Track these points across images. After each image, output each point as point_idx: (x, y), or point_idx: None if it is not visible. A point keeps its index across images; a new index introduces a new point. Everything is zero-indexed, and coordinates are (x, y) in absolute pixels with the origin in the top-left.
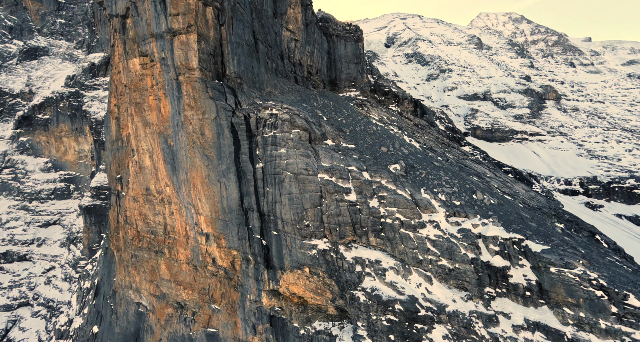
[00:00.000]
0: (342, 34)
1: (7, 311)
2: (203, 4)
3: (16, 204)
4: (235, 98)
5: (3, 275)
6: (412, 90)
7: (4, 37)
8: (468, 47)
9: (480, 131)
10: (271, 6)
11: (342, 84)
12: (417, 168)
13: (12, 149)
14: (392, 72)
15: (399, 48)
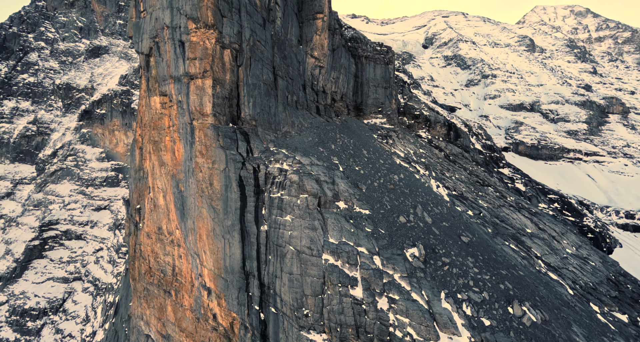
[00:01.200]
0: (371, 56)
1: (64, 283)
2: (221, 47)
3: (76, 188)
4: (248, 145)
5: (63, 251)
6: (449, 97)
7: (75, 37)
8: (517, 49)
9: (523, 147)
10: (296, 34)
11: (367, 110)
12: (439, 253)
13: (75, 139)
14: (428, 75)
15: (438, 49)
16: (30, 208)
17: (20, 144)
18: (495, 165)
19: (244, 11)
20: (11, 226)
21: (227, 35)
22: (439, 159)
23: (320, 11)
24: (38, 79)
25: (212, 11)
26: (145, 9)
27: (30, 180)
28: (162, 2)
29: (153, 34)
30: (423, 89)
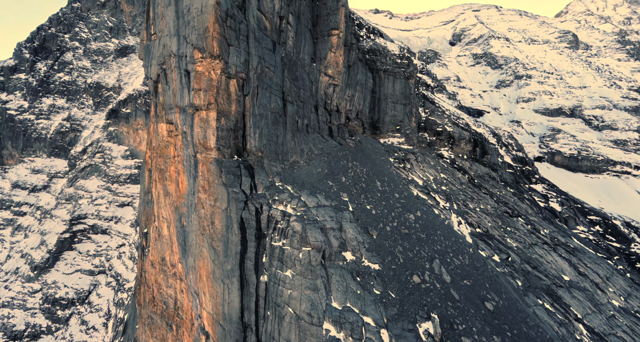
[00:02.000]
0: (391, 69)
1: (90, 275)
2: (227, 77)
3: (102, 184)
4: (252, 180)
5: (90, 244)
6: (476, 99)
7: (105, 37)
8: (557, 46)
9: (560, 157)
10: (309, 52)
11: (384, 128)
12: (459, 329)
13: (103, 137)
14: (454, 76)
15: (467, 47)
16: (63, 201)
17: (55, 140)
18: (527, 181)
19: (252, 37)
20: (46, 217)
21: (233, 65)
22: (462, 184)
23: (335, 27)
24: (72, 77)
25: (218, 41)
26: (155, 33)
27: (63, 174)
28: (170, 29)
29: (161, 60)
30: (448, 91)
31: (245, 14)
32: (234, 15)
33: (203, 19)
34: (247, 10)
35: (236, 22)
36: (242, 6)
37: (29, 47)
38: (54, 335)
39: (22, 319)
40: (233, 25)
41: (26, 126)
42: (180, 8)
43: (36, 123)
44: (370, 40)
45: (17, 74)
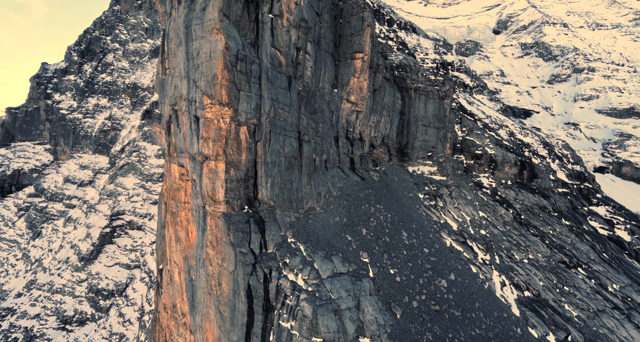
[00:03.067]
0: (422, 88)
1: (127, 269)
2: (237, 125)
3: (138, 182)
4: (262, 236)
5: (128, 239)
6: (523, 97)
7: (142, 37)
8: (632, 30)
9: (629, 169)
10: (330, 79)
11: (414, 154)
12: None
13: (138, 137)
14: (497, 69)
15: (514, 35)
16: (105, 197)
17: (99, 138)
18: (586, 202)
19: (265, 78)
20: (91, 211)
21: (243, 112)
22: (506, 225)
23: (359, 50)
24: (113, 78)
25: (227, 89)
26: (170, 68)
27: (105, 170)
28: (180, 70)
29: (172, 101)
30: (489, 88)
31: (258, 52)
32: (245, 56)
33: (211, 65)
34: (260, 48)
35: (247, 63)
36: (255, 43)
37: (77, 49)
38: (97, 323)
39: (72, 305)
40: (244, 68)
41: (75, 124)
42: (190, 50)
43: (83, 121)
44: (399, 54)
45: (67, 75)
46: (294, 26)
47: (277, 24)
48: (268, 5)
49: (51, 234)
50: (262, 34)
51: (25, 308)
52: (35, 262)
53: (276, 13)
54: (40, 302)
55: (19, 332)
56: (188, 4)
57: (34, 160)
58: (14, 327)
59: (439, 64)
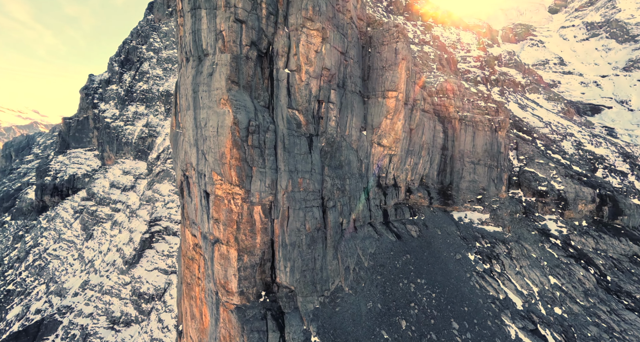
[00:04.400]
0: (470, 117)
1: (165, 274)
2: (250, 205)
3: (173, 189)
4: (281, 334)
5: (165, 244)
6: (590, 88)
7: (174, 44)
8: None
9: None
10: (357, 124)
11: (459, 197)
12: None
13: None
14: (555, 57)
15: (576, 13)
16: (144, 203)
17: (138, 144)
18: None
19: (282, 146)
20: (133, 216)
21: (256, 192)
22: (589, 295)
23: (392, 88)
24: (149, 85)
25: (237, 170)
26: (182, 125)
27: (145, 176)
28: (189, 137)
29: (184, 167)
30: (546, 80)
31: (273, 114)
32: (258, 126)
33: (219, 142)
34: (275, 110)
35: (261, 134)
36: (270, 103)
37: (117, 60)
38: (140, 325)
39: (119, 306)
40: (257, 141)
41: (117, 132)
42: (198, 118)
43: (124, 129)
44: (439, 74)
45: (110, 85)
46: (314, 77)
47: (295, 80)
48: (283, 60)
49: (101, 237)
50: (277, 93)
51: (80, 307)
52: (88, 263)
53: (293, 68)
54: (92, 302)
55: (76, 329)
56: (196, 64)
57: (85, 166)
58: (72, 324)
59: (483, 62)
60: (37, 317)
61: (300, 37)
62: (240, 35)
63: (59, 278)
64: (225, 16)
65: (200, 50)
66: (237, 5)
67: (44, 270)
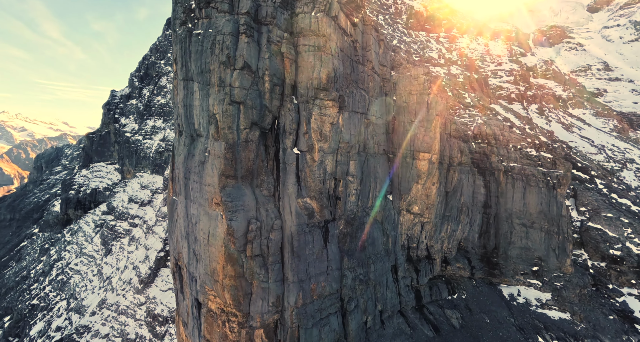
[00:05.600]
0: (518, 169)
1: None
2: (249, 330)
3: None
4: None
5: None
6: None
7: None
8: None
9: None
10: (380, 192)
11: (509, 266)
12: None
13: None
14: (598, 61)
15: (621, 11)
16: (160, 219)
17: (155, 158)
18: None
19: (289, 249)
20: (149, 233)
21: (257, 314)
22: None
23: (425, 150)
24: (166, 100)
25: (232, 290)
26: (176, 199)
27: (161, 190)
28: (181, 227)
29: (175, 253)
30: (588, 88)
31: (279, 206)
32: (260, 229)
33: (210, 254)
34: (281, 200)
35: (263, 235)
36: (275, 189)
37: (137, 75)
38: None
39: (133, 328)
40: (258, 248)
41: (136, 146)
42: (189, 210)
43: (143, 143)
44: (475, 113)
45: (130, 100)
46: (329, 153)
47: (305, 162)
48: (291, 138)
49: (119, 252)
50: (284, 179)
51: (97, 327)
52: (106, 280)
53: (303, 148)
54: (109, 322)
55: None
56: (188, 142)
57: (106, 180)
58: None
59: (517, 76)
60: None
61: (312, 110)
62: (238, 119)
63: (79, 295)
64: (219, 98)
65: (192, 129)
66: (234, 84)
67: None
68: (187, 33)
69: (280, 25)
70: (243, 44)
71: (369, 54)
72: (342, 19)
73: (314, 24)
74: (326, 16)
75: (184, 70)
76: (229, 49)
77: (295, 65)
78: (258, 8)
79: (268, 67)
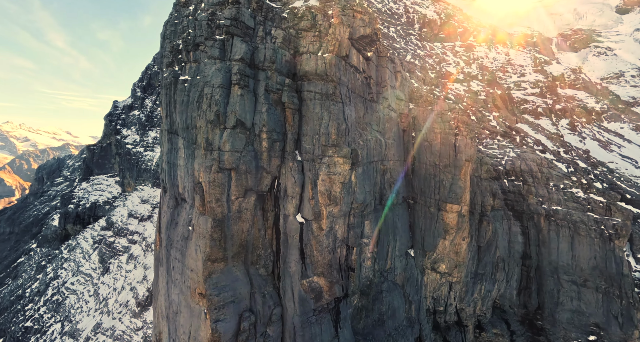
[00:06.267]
0: (563, 216)
1: None
2: None
3: None
4: None
5: None
6: None
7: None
8: None
9: None
10: (404, 248)
11: (557, 334)
12: None
13: None
14: (632, 67)
15: None
16: None
17: (156, 171)
18: None
19: None
20: (148, 250)
21: None
22: None
23: (453, 201)
24: None
25: None
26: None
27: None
28: (162, 307)
29: (157, 335)
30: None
31: (279, 287)
32: (254, 325)
33: None
34: (282, 281)
35: (258, 333)
36: (273, 271)
37: (140, 85)
38: None
39: None
40: None
41: (137, 158)
42: (170, 293)
43: (144, 155)
44: (506, 144)
45: (132, 111)
46: (340, 216)
47: (312, 232)
48: (294, 202)
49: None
50: (285, 255)
51: None
52: (102, 301)
53: (309, 216)
54: None
55: None
56: (172, 204)
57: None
58: None
59: (543, 88)
60: None
61: (320, 170)
62: (228, 189)
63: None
64: (206, 164)
65: (176, 191)
66: (223, 147)
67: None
68: (172, 79)
69: (280, 70)
70: (236, 97)
71: (385, 89)
72: (354, 57)
73: (321, 66)
74: (335, 57)
75: (168, 121)
76: (219, 104)
77: (299, 116)
78: (255, 51)
79: (266, 123)
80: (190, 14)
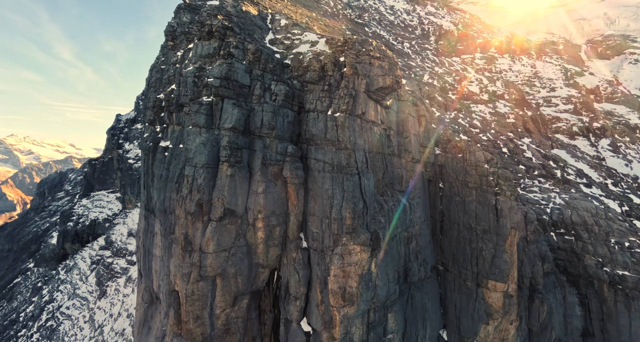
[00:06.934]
0: (634, 284)
1: None
2: None
3: None
4: None
5: None
6: None
7: None
8: None
9: None
10: (436, 335)
11: None
12: None
13: None
14: None
15: None
16: None
17: None
18: None
19: None
20: None
21: None
22: None
23: (499, 279)
24: None
25: None
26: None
27: None
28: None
29: None
30: None
31: None
32: None
33: None
34: None
35: None
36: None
37: (143, 98)
38: None
39: None
40: None
41: (139, 173)
42: None
43: None
44: (551, 188)
45: (135, 124)
46: (357, 317)
47: None
48: (298, 304)
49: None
50: None
51: None
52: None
53: (318, 326)
54: None
55: None
56: (147, 298)
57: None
58: None
59: (578, 105)
60: None
61: (331, 263)
62: (212, 301)
63: None
64: (183, 271)
65: (151, 287)
66: (206, 248)
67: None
68: (151, 145)
69: (282, 135)
70: (224, 179)
71: (407, 140)
72: (371, 110)
73: (332, 129)
74: (349, 117)
75: (146, 194)
76: (202, 191)
77: (304, 191)
78: (250, 115)
79: (263, 207)
80: (178, 61)
